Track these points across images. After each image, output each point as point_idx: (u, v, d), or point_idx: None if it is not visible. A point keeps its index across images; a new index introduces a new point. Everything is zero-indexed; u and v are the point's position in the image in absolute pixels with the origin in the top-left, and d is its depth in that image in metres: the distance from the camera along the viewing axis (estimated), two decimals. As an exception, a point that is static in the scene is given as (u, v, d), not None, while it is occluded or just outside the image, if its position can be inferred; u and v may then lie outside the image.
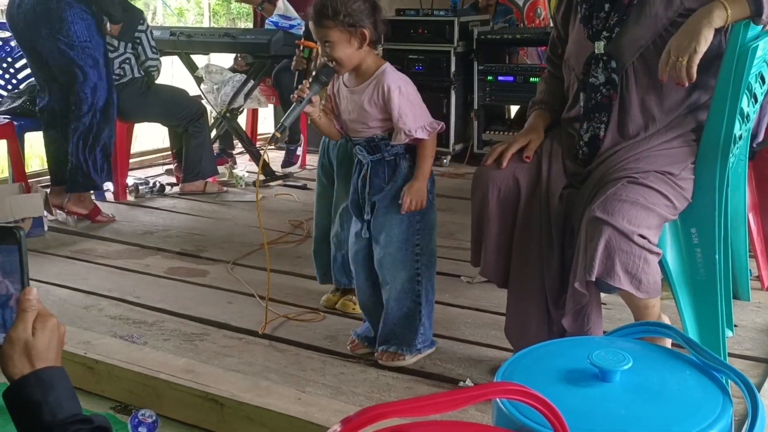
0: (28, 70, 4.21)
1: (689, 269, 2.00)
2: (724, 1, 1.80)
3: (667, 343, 1.87)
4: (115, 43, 3.98)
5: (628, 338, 1.42)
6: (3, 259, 1.13)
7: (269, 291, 2.55)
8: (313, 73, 2.21)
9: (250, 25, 8.44)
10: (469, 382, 2.20)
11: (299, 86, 2.17)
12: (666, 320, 2.06)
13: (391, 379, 2.24)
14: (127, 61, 4.03)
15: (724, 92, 1.89)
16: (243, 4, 8.09)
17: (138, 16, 4.10)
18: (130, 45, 4.02)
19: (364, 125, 2.21)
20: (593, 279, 1.79)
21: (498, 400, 1.22)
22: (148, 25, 4.11)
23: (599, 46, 2.03)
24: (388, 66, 2.20)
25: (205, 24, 12.71)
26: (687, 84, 1.83)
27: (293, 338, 2.50)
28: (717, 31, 1.83)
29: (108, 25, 3.85)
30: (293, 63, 2.85)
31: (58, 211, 3.83)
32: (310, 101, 2.16)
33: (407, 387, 2.19)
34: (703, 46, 1.80)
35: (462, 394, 1.00)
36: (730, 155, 1.95)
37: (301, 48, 2.79)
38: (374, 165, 2.24)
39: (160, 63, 4.21)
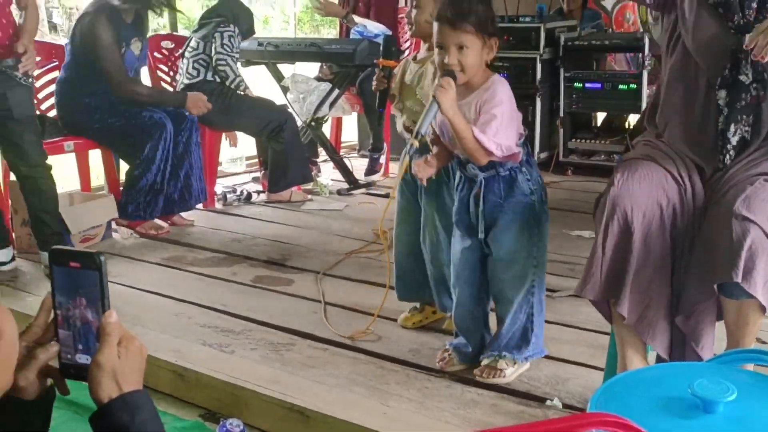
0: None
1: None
2: None
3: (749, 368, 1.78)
4: (194, 43, 4.08)
5: (731, 365, 1.36)
6: (84, 284, 1.13)
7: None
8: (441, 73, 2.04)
9: (334, 33, 8.52)
10: (557, 401, 2.15)
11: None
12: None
13: (476, 395, 2.20)
14: (201, 61, 4.10)
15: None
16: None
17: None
18: (207, 45, 4.08)
19: None
20: (740, 280, 1.69)
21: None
22: (231, 34, 4.12)
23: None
24: (498, 77, 2.08)
25: (290, 32, 12.90)
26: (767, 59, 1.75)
27: (377, 350, 2.49)
28: None
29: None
30: (374, 84, 2.69)
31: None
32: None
33: (492, 404, 2.16)
34: None
35: (564, 423, 0.97)
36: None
37: (380, 67, 2.66)
38: (488, 181, 2.12)
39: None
